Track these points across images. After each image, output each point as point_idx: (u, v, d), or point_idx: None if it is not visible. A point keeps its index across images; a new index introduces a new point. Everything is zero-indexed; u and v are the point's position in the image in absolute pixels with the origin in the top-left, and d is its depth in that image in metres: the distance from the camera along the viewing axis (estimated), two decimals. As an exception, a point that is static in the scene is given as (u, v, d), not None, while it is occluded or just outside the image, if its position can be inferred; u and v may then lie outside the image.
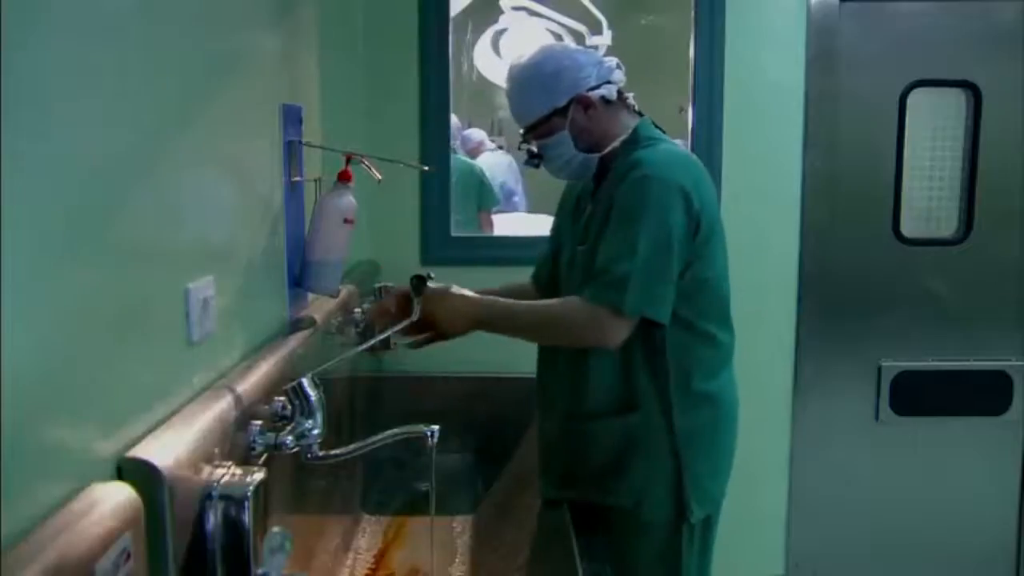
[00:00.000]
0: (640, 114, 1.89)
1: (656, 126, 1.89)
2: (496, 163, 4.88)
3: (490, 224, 4.27)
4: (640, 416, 1.78)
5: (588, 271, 1.73)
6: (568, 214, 1.97)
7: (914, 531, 3.08)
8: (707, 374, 1.81)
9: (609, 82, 1.81)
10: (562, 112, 1.79)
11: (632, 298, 1.64)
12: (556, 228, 2.04)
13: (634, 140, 1.82)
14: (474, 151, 4.91)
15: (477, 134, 5.02)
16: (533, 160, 1.87)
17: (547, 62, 1.80)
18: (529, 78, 1.80)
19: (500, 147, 5.15)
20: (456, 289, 1.75)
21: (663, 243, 1.66)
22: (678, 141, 2.01)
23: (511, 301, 1.78)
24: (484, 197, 4.29)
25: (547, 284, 2.02)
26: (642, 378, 1.77)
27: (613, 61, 1.85)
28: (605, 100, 1.81)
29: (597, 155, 1.83)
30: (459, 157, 4.33)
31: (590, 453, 1.84)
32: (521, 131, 1.86)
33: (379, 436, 1.39)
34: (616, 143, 1.82)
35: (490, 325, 1.75)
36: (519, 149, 1.90)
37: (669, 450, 1.78)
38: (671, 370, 1.76)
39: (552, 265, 2.01)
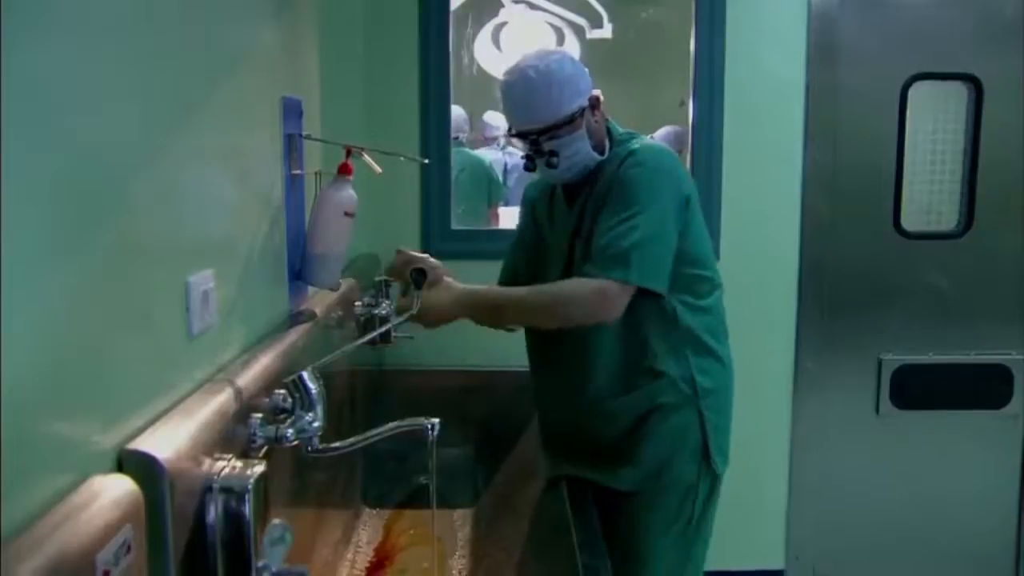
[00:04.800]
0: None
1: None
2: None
3: (497, 218, 4.27)
4: (665, 382, 1.87)
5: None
6: (545, 228, 2.02)
7: (914, 524, 3.08)
8: (714, 336, 1.93)
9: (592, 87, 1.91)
10: (582, 111, 1.84)
11: (636, 270, 1.73)
12: (529, 230, 2.09)
13: (611, 136, 1.93)
14: (493, 139, 4.82)
15: (498, 120, 4.78)
16: (543, 161, 1.85)
17: (566, 62, 1.84)
18: (557, 77, 1.81)
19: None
20: (449, 281, 1.86)
21: (659, 219, 1.77)
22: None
23: (509, 288, 1.88)
24: (492, 191, 4.27)
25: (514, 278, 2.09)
26: (661, 347, 1.86)
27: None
28: (600, 99, 1.90)
29: (601, 156, 1.89)
30: (466, 151, 4.31)
31: (609, 430, 1.91)
32: (532, 134, 1.84)
33: (379, 429, 1.39)
34: (606, 141, 1.92)
35: (495, 310, 1.85)
36: (528, 153, 1.87)
37: (694, 410, 1.88)
38: (686, 336, 1.87)
39: (527, 268, 2.06)
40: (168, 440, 0.96)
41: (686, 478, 1.90)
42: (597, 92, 1.89)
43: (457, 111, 2.97)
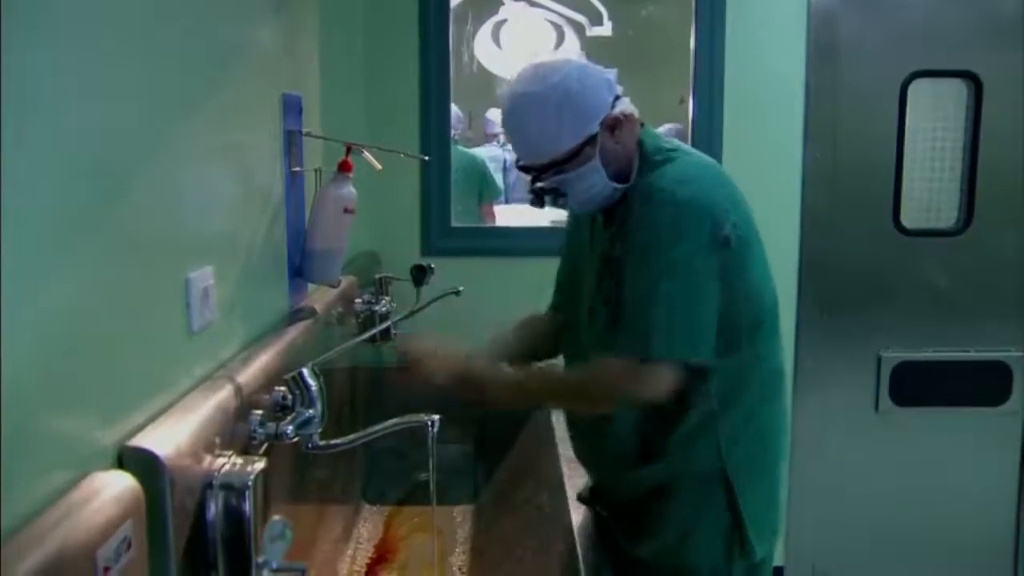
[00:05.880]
0: (641, 123, 1.63)
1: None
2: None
3: (492, 216, 4.26)
4: (687, 455, 1.60)
5: (613, 316, 1.56)
6: (586, 240, 1.72)
7: (913, 521, 3.08)
8: (762, 392, 1.63)
9: (618, 96, 1.57)
10: (592, 139, 1.53)
11: (660, 343, 1.47)
12: (572, 244, 1.81)
13: (643, 157, 1.58)
14: (494, 136, 4.82)
15: (499, 117, 4.85)
16: (550, 200, 1.58)
17: (571, 80, 1.51)
18: (556, 104, 1.50)
19: None
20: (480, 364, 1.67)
21: (687, 274, 1.48)
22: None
23: (542, 372, 1.67)
24: (486, 189, 4.26)
25: (565, 309, 1.82)
26: (687, 416, 1.57)
27: (612, 71, 1.64)
28: (624, 116, 1.56)
29: (626, 185, 1.58)
30: (460, 149, 4.31)
31: (628, 492, 1.69)
32: (534, 169, 1.57)
33: (379, 426, 1.39)
34: (636, 163, 1.58)
35: (520, 396, 1.68)
36: (532, 191, 1.59)
37: (721, 485, 1.58)
38: (724, 399, 1.57)
39: (568, 288, 1.80)
40: (168, 437, 0.96)
41: (710, 560, 1.60)
42: (619, 111, 1.54)
43: (453, 109, 2.97)
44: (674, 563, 1.62)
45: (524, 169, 1.59)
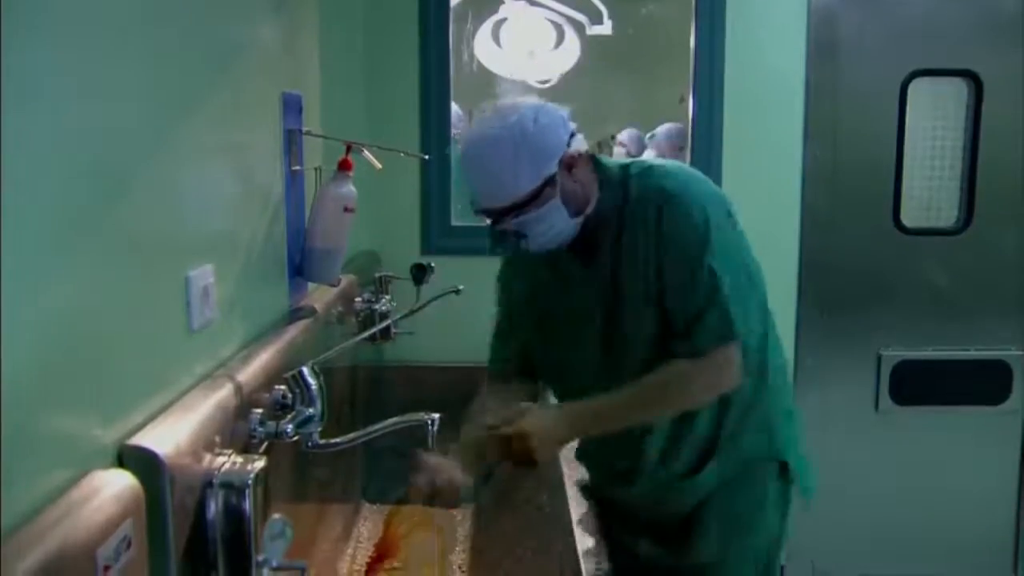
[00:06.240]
0: (591, 154, 1.62)
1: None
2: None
3: None
4: (741, 445, 1.68)
5: (663, 321, 1.57)
6: (553, 283, 1.69)
7: (913, 520, 3.08)
8: (775, 360, 1.73)
9: (572, 134, 1.55)
10: (551, 179, 1.51)
11: (738, 324, 1.54)
12: (523, 313, 1.76)
13: (609, 177, 1.60)
14: None
15: None
16: (510, 242, 1.56)
17: (527, 122, 1.48)
18: (511, 148, 1.47)
19: None
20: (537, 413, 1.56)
21: (725, 255, 1.54)
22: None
23: (607, 396, 1.57)
24: None
25: (528, 364, 1.78)
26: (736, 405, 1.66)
27: (566, 109, 1.59)
28: (580, 154, 1.56)
29: (582, 217, 1.57)
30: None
31: (676, 508, 1.72)
32: (493, 213, 1.54)
33: (380, 425, 1.40)
34: (596, 195, 1.59)
35: (602, 420, 1.60)
36: (492, 234, 1.58)
37: (775, 461, 1.73)
38: (756, 375, 1.65)
39: (542, 352, 1.76)
40: (168, 435, 0.96)
41: (768, 535, 1.74)
42: (575, 150, 1.53)
43: (453, 108, 2.97)
44: (736, 550, 1.70)
45: (483, 213, 1.56)
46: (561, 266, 1.66)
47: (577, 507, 1.79)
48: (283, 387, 1.32)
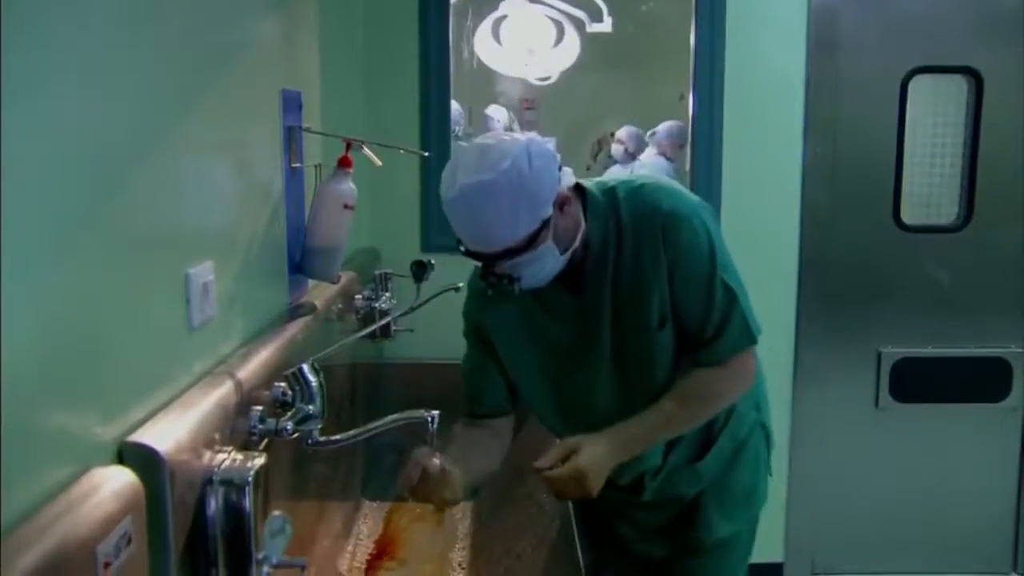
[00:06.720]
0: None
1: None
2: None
3: None
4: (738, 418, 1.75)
5: (681, 335, 1.59)
6: (541, 319, 1.64)
7: (913, 517, 3.09)
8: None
9: (560, 167, 1.49)
10: (547, 222, 1.44)
11: (755, 328, 1.61)
12: (512, 340, 1.69)
13: (596, 205, 1.56)
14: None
15: (500, 114, 4.65)
16: (504, 285, 1.49)
17: (521, 162, 1.39)
18: (508, 193, 1.39)
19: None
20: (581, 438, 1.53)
21: (727, 259, 1.58)
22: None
23: (648, 413, 1.57)
24: None
25: (515, 401, 1.75)
26: None
27: (551, 140, 1.58)
28: (571, 190, 1.51)
29: (570, 252, 1.52)
30: (463, 145, 4.29)
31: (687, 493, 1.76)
32: (486, 256, 1.46)
33: (380, 422, 1.40)
34: (584, 226, 1.54)
35: (648, 438, 1.61)
36: (485, 277, 1.51)
37: (759, 426, 1.81)
38: None
39: (527, 388, 1.72)
40: (168, 432, 0.96)
41: (760, 502, 1.83)
42: (566, 185, 1.48)
43: (453, 105, 2.96)
44: (746, 525, 1.82)
45: (473, 255, 1.48)
46: (548, 297, 1.61)
47: (575, 506, 1.79)
48: (283, 384, 1.32)
